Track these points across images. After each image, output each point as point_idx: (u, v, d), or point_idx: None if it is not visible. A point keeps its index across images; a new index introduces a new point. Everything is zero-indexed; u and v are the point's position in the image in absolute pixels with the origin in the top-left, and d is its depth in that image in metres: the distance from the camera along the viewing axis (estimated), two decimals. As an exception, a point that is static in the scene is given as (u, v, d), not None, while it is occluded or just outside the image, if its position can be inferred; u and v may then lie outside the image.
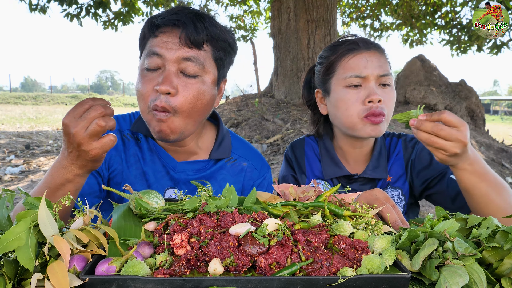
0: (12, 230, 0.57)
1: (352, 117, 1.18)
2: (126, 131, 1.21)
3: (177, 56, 0.98)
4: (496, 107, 44.68)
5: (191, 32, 0.97)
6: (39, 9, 6.94)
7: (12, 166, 6.09)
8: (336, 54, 1.22)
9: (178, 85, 0.98)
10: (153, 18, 1.02)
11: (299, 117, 6.62)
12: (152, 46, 1.00)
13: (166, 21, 0.99)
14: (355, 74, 1.17)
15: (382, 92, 1.18)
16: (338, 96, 1.20)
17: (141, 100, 1.02)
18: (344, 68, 1.19)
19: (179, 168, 1.18)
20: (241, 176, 1.25)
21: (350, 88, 1.18)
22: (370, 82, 1.16)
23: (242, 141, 1.33)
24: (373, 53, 1.19)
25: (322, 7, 7.25)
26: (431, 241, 0.65)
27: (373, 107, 1.15)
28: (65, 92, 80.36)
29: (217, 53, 1.05)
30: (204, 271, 0.62)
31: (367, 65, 1.16)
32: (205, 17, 1.02)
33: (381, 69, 1.17)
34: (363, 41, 1.21)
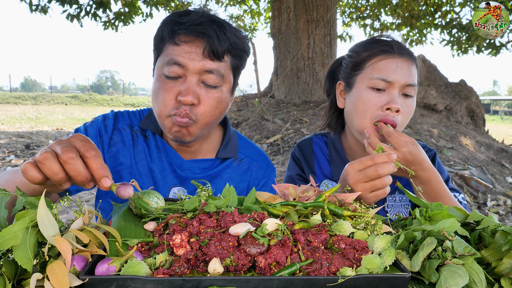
0: (9, 228, 0.57)
1: (365, 120, 1.15)
2: (136, 126, 1.22)
3: (199, 68, 0.98)
4: (496, 107, 44.67)
5: (215, 45, 0.97)
6: (39, 10, 6.94)
7: (12, 166, 6.09)
8: (369, 53, 1.18)
9: (200, 95, 1.01)
10: (175, 23, 1.00)
11: (299, 117, 6.62)
12: (174, 55, 0.99)
13: (190, 32, 0.98)
14: (381, 77, 1.12)
15: (403, 102, 1.13)
16: (360, 95, 1.17)
17: (160, 106, 1.03)
18: (373, 68, 1.15)
19: (186, 166, 1.20)
20: (247, 175, 1.26)
21: (373, 90, 1.14)
22: (394, 89, 1.12)
23: (248, 141, 1.34)
24: (405, 60, 1.15)
25: (322, 7, 7.25)
26: (429, 240, 0.65)
27: (389, 115, 1.11)
28: (65, 92, 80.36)
29: (235, 62, 1.06)
30: (204, 271, 0.62)
31: (396, 70, 1.12)
32: (226, 26, 1.01)
33: (409, 78, 1.13)
34: (398, 45, 1.17)
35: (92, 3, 6.90)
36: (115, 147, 1.18)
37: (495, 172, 5.26)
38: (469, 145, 6.05)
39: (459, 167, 4.77)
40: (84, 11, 6.92)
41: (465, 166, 4.85)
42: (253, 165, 1.28)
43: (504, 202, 4.13)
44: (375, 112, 1.13)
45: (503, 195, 4.33)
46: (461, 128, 6.83)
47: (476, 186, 4.25)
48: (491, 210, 3.88)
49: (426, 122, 6.56)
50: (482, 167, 5.14)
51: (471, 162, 5.27)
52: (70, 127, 12.68)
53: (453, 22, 8.03)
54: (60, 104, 27.98)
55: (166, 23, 1.02)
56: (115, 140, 1.18)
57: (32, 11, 6.92)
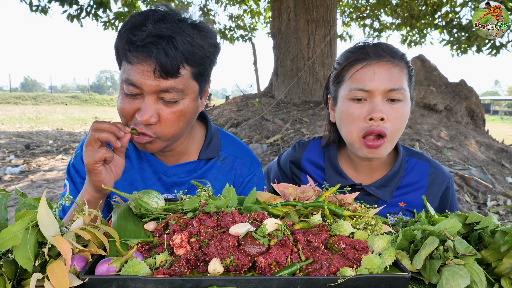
0: (9, 229, 0.57)
1: (352, 134, 1.10)
2: None
3: (154, 88, 0.95)
4: (496, 107, 44.67)
5: (165, 64, 0.92)
6: (39, 10, 6.94)
7: (12, 166, 6.09)
8: (346, 63, 1.13)
9: (159, 112, 0.98)
10: (126, 41, 0.95)
11: (299, 117, 6.62)
12: (129, 75, 0.96)
13: (139, 53, 0.93)
14: (359, 87, 1.07)
15: (389, 108, 1.07)
16: (343, 109, 1.13)
17: (122, 118, 1.03)
18: (350, 79, 1.11)
19: (170, 172, 1.19)
20: (231, 174, 1.25)
21: (353, 102, 1.09)
22: (375, 97, 1.06)
23: (231, 138, 1.32)
24: (384, 64, 1.07)
25: (322, 7, 7.25)
26: (431, 240, 0.65)
27: (373, 125, 1.05)
28: (65, 92, 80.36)
29: (197, 69, 1.00)
30: (204, 271, 0.62)
31: (374, 78, 1.06)
32: (179, 38, 0.94)
33: (390, 83, 1.05)
34: (374, 50, 1.09)
35: (93, 3, 6.90)
36: None
37: (495, 172, 5.26)
38: (469, 145, 6.05)
39: (459, 167, 4.77)
40: (84, 11, 6.92)
41: (465, 166, 4.85)
42: (237, 163, 1.26)
43: (504, 202, 4.13)
44: (360, 124, 1.08)
45: (503, 195, 4.32)
46: (461, 128, 6.83)
47: (476, 186, 4.25)
48: (491, 210, 3.88)
49: (426, 122, 6.56)
50: (482, 167, 5.14)
51: (471, 162, 5.27)
52: (70, 127, 12.68)
53: (453, 22, 8.03)
54: (60, 104, 27.98)
55: (121, 36, 0.97)
56: None
57: (32, 11, 6.92)
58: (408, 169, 1.24)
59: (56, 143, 8.79)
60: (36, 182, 5.18)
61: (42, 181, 5.25)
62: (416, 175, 1.23)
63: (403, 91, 1.07)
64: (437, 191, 1.23)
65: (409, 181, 1.23)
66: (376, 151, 1.09)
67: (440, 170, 1.25)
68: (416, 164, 1.25)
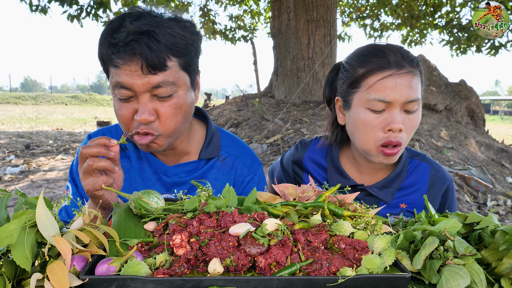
0: (5, 227, 0.57)
1: (369, 142, 1.10)
2: None
3: (145, 86, 0.95)
4: (496, 107, 44.67)
5: (151, 58, 0.92)
6: (39, 10, 6.94)
7: (12, 166, 6.09)
8: (364, 69, 1.09)
9: (156, 109, 0.99)
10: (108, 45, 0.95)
11: (299, 117, 6.62)
12: (118, 78, 0.95)
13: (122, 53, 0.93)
14: (379, 98, 1.05)
15: (406, 118, 1.07)
16: (358, 116, 1.10)
17: (122, 125, 1.03)
18: (369, 87, 1.07)
19: (171, 172, 1.19)
20: (231, 174, 1.25)
21: (371, 112, 1.08)
22: (395, 108, 1.05)
23: (231, 137, 1.31)
24: (405, 74, 1.05)
25: (322, 7, 7.25)
26: (431, 240, 0.65)
27: (392, 136, 1.06)
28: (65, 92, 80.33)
29: (183, 59, 1.00)
30: (204, 271, 0.62)
31: (396, 89, 1.04)
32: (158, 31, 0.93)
33: (410, 95, 1.04)
34: (396, 58, 1.06)
35: (93, 3, 6.90)
36: None
37: (495, 172, 5.26)
38: (469, 145, 6.05)
39: (459, 167, 4.77)
40: (84, 11, 6.92)
41: (465, 166, 4.85)
42: (237, 163, 1.25)
43: (504, 202, 4.13)
44: (377, 134, 1.07)
45: (503, 195, 4.33)
46: (461, 128, 6.83)
47: (476, 186, 4.25)
48: (491, 210, 3.88)
49: (426, 122, 6.56)
50: (482, 167, 5.14)
51: (471, 162, 5.27)
52: (70, 127, 12.69)
53: (453, 22, 8.03)
54: (60, 104, 27.99)
55: (102, 43, 0.97)
56: None
57: (32, 11, 6.92)
58: (410, 171, 1.24)
59: (56, 143, 8.79)
60: (36, 182, 5.18)
61: (42, 181, 5.26)
62: (417, 177, 1.24)
63: (419, 101, 1.08)
64: (437, 193, 1.23)
65: (410, 182, 1.23)
66: (391, 158, 1.10)
67: (441, 172, 1.25)
68: (418, 165, 1.25)
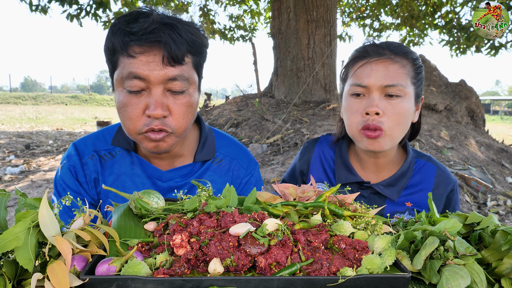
0: (11, 230, 0.57)
1: (352, 127, 1.15)
2: (102, 151, 1.17)
3: (162, 77, 0.93)
4: (496, 107, 44.67)
5: (173, 50, 0.91)
6: (39, 10, 6.94)
7: (12, 166, 6.09)
8: (349, 60, 1.20)
9: (169, 105, 0.97)
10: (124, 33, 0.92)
11: (299, 117, 6.62)
12: (132, 68, 0.92)
13: (143, 42, 0.91)
14: (356, 83, 1.13)
15: (387, 104, 1.10)
16: (345, 104, 1.19)
17: (129, 123, 0.98)
18: (352, 75, 1.16)
19: (166, 176, 1.15)
20: (228, 176, 1.23)
21: (353, 97, 1.15)
22: (372, 93, 1.11)
23: (226, 138, 1.29)
24: (383, 61, 1.11)
25: (322, 7, 7.25)
26: (431, 240, 0.65)
27: (369, 119, 1.10)
28: (65, 92, 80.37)
29: (196, 59, 1.01)
30: (204, 271, 0.62)
31: (371, 74, 1.10)
32: (180, 26, 0.94)
33: (386, 79, 1.09)
34: (375, 48, 1.14)
35: (92, 3, 6.90)
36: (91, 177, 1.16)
37: (495, 172, 5.26)
38: (469, 145, 6.05)
39: (459, 167, 4.77)
40: (84, 11, 6.92)
41: (465, 166, 4.85)
42: (234, 164, 1.24)
43: (504, 202, 4.13)
44: (357, 118, 1.13)
45: (503, 195, 4.33)
46: (461, 128, 6.83)
47: (476, 186, 4.25)
48: (491, 210, 3.88)
49: (426, 122, 6.56)
50: (482, 167, 5.14)
51: (471, 162, 5.27)
52: (70, 127, 12.69)
53: (453, 22, 8.03)
54: (60, 104, 27.99)
55: (115, 33, 0.93)
56: (89, 173, 1.16)
57: (32, 11, 6.92)
58: (416, 170, 1.27)
59: (56, 143, 8.79)
60: (36, 182, 5.18)
61: (42, 181, 5.25)
62: (423, 176, 1.26)
63: (401, 87, 1.10)
64: (442, 194, 1.24)
65: (415, 181, 1.25)
66: (376, 143, 1.11)
67: (447, 173, 1.27)
68: (424, 165, 1.27)
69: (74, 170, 1.15)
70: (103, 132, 1.21)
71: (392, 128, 1.11)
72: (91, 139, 1.19)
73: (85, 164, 1.15)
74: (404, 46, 1.17)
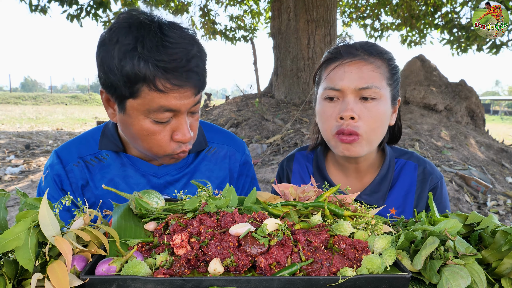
0: (12, 230, 0.57)
1: (327, 132, 1.11)
2: (88, 156, 1.14)
3: (190, 105, 0.96)
4: (496, 107, 44.67)
5: (202, 81, 0.96)
6: (39, 10, 6.94)
7: (12, 166, 6.09)
8: (321, 62, 1.15)
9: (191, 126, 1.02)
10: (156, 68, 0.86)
11: (299, 117, 6.62)
12: (164, 103, 0.91)
13: (177, 81, 0.89)
14: (330, 86, 1.08)
15: (362, 107, 1.05)
16: (318, 108, 1.14)
17: (158, 148, 0.99)
18: (325, 78, 1.11)
19: (161, 172, 1.15)
20: (225, 162, 1.25)
21: (327, 101, 1.10)
22: (346, 96, 1.06)
23: (213, 127, 1.31)
24: (356, 62, 1.06)
25: (322, 7, 7.25)
26: (431, 240, 0.65)
27: (344, 124, 1.05)
28: (65, 92, 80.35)
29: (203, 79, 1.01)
30: (204, 271, 0.62)
31: (344, 76, 1.05)
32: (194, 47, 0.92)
33: (360, 81, 1.04)
34: (347, 49, 1.09)
35: (92, 3, 6.91)
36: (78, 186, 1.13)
37: (495, 172, 5.26)
38: (469, 145, 6.05)
39: (459, 167, 4.78)
40: (84, 11, 6.93)
41: (465, 166, 4.85)
42: (229, 151, 1.27)
43: (504, 202, 4.13)
44: (332, 123, 1.08)
45: (503, 195, 4.33)
46: (461, 128, 6.83)
47: (476, 186, 4.25)
48: (491, 210, 3.88)
49: (426, 122, 6.56)
50: (482, 167, 5.15)
51: (471, 162, 5.27)
52: (70, 127, 12.69)
53: (453, 22, 8.03)
54: (60, 104, 27.99)
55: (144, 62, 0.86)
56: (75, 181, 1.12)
57: (32, 11, 6.92)
58: (397, 170, 1.21)
59: (56, 143, 8.79)
60: (36, 182, 5.18)
61: (42, 181, 5.25)
62: (405, 178, 1.20)
63: (376, 90, 1.05)
64: (425, 191, 1.19)
65: (399, 187, 1.19)
66: (352, 148, 1.06)
67: (429, 169, 1.21)
68: (404, 164, 1.22)
69: (59, 180, 1.12)
70: (85, 136, 1.19)
71: (368, 133, 1.06)
72: (74, 145, 1.16)
73: (70, 172, 1.12)
74: (378, 46, 1.12)
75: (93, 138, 1.17)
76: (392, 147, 1.26)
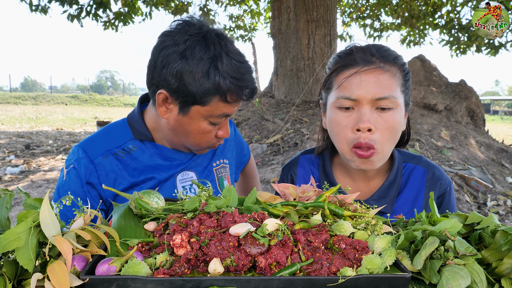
0: (13, 230, 0.57)
1: (342, 144, 1.06)
2: (115, 149, 1.17)
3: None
4: (496, 107, 44.67)
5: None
6: (39, 10, 6.95)
7: (12, 166, 6.09)
8: (334, 68, 1.08)
9: None
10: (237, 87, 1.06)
11: (299, 117, 6.62)
12: (227, 111, 1.09)
13: (239, 98, 1.09)
14: (345, 96, 1.02)
15: (378, 117, 1.01)
16: (331, 117, 1.08)
17: (205, 142, 1.16)
18: (338, 86, 1.05)
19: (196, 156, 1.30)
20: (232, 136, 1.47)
21: (341, 110, 1.04)
22: (362, 106, 1.01)
23: None
24: (373, 70, 1.01)
25: (322, 7, 7.25)
26: (431, 240, 0.65)
27: (361, 137, 1.00)
28: (65, 92, 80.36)
29: None
30: (204, 271, 0.62)
31: (361, 86, 1.00)
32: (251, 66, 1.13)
33: (378, 91, 0.99)
34: (363, 56, 1.04)
35: (93, 3, 6.91)
36: (109, 178, 1.14)
37: (495, 172, 5.26)
38: (469, 145, 6.05)
39: (459, 167, 4.78)
40: (84, 11, 6.93)
41: (465, 166, 4.85)
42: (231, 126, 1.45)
43: (504, 202, 4.13)
44: (348, 134, 1.03)
45: (503, 195, 4.33)
46: (461, 128, 6.83)
47: (476, 186, 4.25)
48: (491, 210, 3.88)
49: (426, 122, 6.56)
50: (482, 167, 5.15)
51: (471, 162, 5.27)
52: (70, 127, 12.69)
53: (453, 22, 8.03)
54: (60, 104, 27.99)
55: (223, 79, 1.03)
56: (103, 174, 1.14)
57: (32, 11, 6.93)
58: (406, 175, 1.19)
59: (56, 143, 8.79)
60: (36, 182, 5.18)
61: (42, 181, 5.26)
62: (413, 183, 1.18)
63: (394, 99, 1.01)
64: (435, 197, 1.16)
65: (407, 193, 1.17)
66: (369, 162, 1.04)
67: (438, 175, 1.18)
68: (413, 169, 1.19)
69: (85, 173, 1.12)
70: (108, 130, 1.22)
71: (383, 144, 1.03)
72: (98, 139, 1.19)
73: (98, 165, 1.13)
74: (392, 50, 1.08)
75: (116, 132, 1.21)
76: (400, 151, 1.23)
